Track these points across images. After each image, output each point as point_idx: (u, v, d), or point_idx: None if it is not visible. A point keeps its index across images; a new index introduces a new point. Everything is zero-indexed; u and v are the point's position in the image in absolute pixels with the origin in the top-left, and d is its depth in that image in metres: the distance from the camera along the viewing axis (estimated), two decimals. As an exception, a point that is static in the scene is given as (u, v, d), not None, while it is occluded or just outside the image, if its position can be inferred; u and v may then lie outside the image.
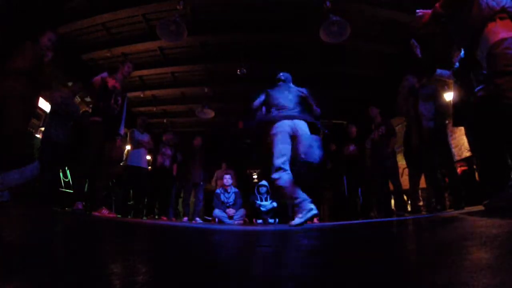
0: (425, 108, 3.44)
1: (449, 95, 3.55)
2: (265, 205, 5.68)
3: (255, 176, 9.21)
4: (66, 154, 3.89)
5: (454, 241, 1.00)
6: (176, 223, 3.99)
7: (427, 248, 0.96)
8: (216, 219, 5.20)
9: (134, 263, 0.66)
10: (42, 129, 4.47)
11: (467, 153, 4.36)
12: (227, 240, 1.48)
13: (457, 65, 2.77)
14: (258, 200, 5.75)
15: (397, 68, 5.23)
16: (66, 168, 4.75)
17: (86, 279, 0.49)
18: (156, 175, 5.43)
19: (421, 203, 4.26)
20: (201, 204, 5.67)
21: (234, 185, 5.58)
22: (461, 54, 2.72)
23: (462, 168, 4.65)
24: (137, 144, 5.01)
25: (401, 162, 4.58)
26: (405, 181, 4.53)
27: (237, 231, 2.33)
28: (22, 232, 1.14)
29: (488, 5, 1.70)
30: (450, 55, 2.97)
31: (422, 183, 4.25)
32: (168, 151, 5.59)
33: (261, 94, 2.94)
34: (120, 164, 5.40)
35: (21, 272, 0.50)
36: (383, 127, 4.54)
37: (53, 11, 4.54)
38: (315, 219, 5.81)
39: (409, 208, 5.09)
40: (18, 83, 2.74)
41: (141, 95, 7.23)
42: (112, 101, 3.40)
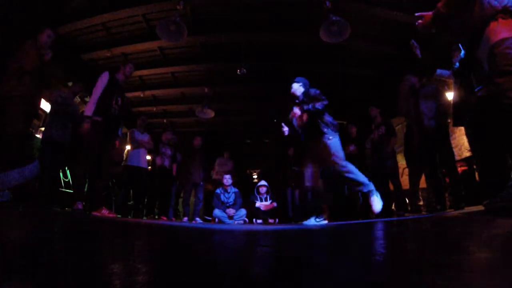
0: (426, 107, 3.43)
1: (449, 94, 3.54)
2: (265, 205, 5.68)
3: (255, 176, 9.21)
4: (66, 154, 3.89)
5: (454, 241, 1.00)
6: (176, 223, 3.99)
7: (426, 248, 0.96)
8: (216, 219, 5.20)
9: (134, 263, 0.66)
10: (42, 129, 4.46)
11: (467, 153, 4.36)
12: (227, 240, 1.48)
13: (457, 65, 2.77)
14: (258, 200, 5.76)
15: (397, 68, 5.23)
16: (66, 168, 4.75)
17: (86, 279, 0.49)
18: (156, 175, 5.43)
19: (421, 203, 4.26)
20: (201, 204, 5.68)
21: (233, 184, 5.58)
22: (461, 54, 2.72)
23: (462, 168, 4.64)
24: (137, 144, 5.01)
25: (401, 162, 4.58)
26: (405, 181, 4.53)
27: (237, 231, 2.33)
28: (22, 232, 1.14)
29: (490, 4, 1.70)
30: (450, 55, 2.98)
31: (422, 183, 4.25)
32: (168, 151, 5.59)
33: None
34: (120, 164, 5.40)
35: (21, 272, 0.50)
36: (383, 127, 4.54)
37: (53, 11, 4.54)
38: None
39: (409, 208, 5.08)
40: (19, 83, 2.74)
41: (141, 95, 7.23)
42: (113, 102, 3.40)
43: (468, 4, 1.79)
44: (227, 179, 5.46)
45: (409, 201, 4.95)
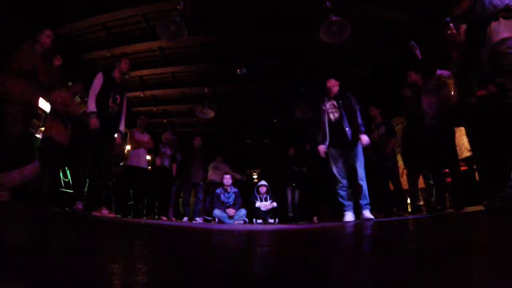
0: (428, 105, 3.38)
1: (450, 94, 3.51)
2: (265, 205, 5.68)
3: (255, 176, 9.21)
4: (66, 154, 3.89)
5: (454, 241, 1.00)
6: (176, 223, 3.99)
7: (426, 248, 0.96)
8: (216, 219, 5.20)
9: (134, 263, 0.66)
10: (42, 129, 4.46)
11: (467, 153, 4.36)
12: (227, 240, 1.48)
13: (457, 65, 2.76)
14: (258, 200, 5.76)
15: (397, 68, 5.23)
16: (66, 168, 4.75)
17: (86, 279, 0.49)
18: (156, 175, 5.43)
19: (421, 203, 4.25)
20: (201, 204, 5.68)
21: (233, 183, 5.58)
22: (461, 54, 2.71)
23: (462, 168, 4.64)
24: (137, 144, 5.01)
25: (401, 162, 4.58)
26: (405, 181, 4.53)
27: (237, 231, 2.33)
28: (22, 232, 1.14)
29: (492, 4, 1.70)
30: (450, 55, 2.97)
31: (421, 183, 4.25)
32: (168, 151, 5.59)
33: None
34: (120, 164, 5.40)
35: (21, 272, 0.50)
36: (383, 127, 4.54)
37: (53, 11, 4.54)
38: (315, 218, 5.81)
39: (409, 209, 5.08)
40: (19, 83, 2.74)
41: (141, 95, 7.23)
42: (110, 100, 3.40)
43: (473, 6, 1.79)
44: (227, 179, 5.46)
45: (410, 201, 4.95)
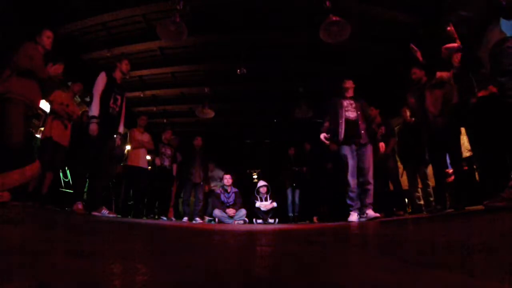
0: (432, 103, 3.34)
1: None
2: (265, 205, 5.68)
3: (255, 176, 9.21)
4: (66, 154, 3.89)
5: (453, 241, 1.00)
6: (176, 223, 3.99)
7: (426, 248, 0.96)
8: (216, 219, 5.20)
9: (134, 263, 0.66)
10: (42, 129, 4.47)
11: (467, 153, 4.36)
12: (228, 240, 1.48)
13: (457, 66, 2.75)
14: (258, 200, 5.76)
15: (397, 68, 5.23)
16: (66, 168, 4.75)
17: (86, 279, 0.49)
18: (156, 175, 5.43)
19: (421, 203, 4.25)
20: (201, 204, 5.68)
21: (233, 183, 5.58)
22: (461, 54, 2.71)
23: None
24: (137, 144, 5.01)
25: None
26: (405, 181, 4.53)
27: (237, 231, 2.33)
28: (22, 232, 1.14)
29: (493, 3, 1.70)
30: (450, 56, 2.96)
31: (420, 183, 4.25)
32: (168, 151, 5.59)
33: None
34: (120, 164, 5.40)
35: (21, 272, 0.50)
36: (383, 127, 4.54)
37: (53, 11, 4.54)
38: (315, 218, 5.82)
39: (409, 209, 5.08)
40: (19, 83, 2.74)
41: (141, 95, 7.23)
42: (111, 101, 3.39)
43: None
44: (227, 179, 5.46)
45: (409, 201, 4.95)
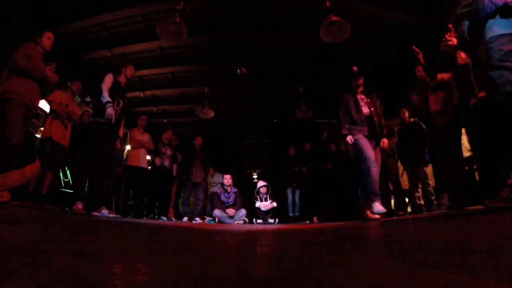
0: (435, 103, 3.33)
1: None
2: (265, 205, 5.68)
3: (255, 176, 9.21)
4: (66, 154, 3.89)
5: (453, 241, 1.00)
6: (176, 223, 3.99)
7: (426, 248, 0.96)
8: (216, 219, 5.20)
9: (134, 263, 0.66)
10: (42, 129, 4.47)
11: (467, 153, 4.36)
12: (228, 240, 1.48)
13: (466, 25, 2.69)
14: (258, 200, 5.76)
15: (396, 68, 5.23)
16: (66, 168, 4.76)
17: (86, 279, 0.49)
18: (156, 175, 5.43)
19: (421, 202, 4.26)
20: (201, 204, 5.68)
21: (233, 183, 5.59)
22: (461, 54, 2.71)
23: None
24: (137, 144, 5.01)
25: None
26: (405, 181, 4.53)
27: (237, 230, 2.33)
28: (22, 232, 1.14)
29: (491, 1, 1.70)
30: (451, 56, 2.96)
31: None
32: (168, 151, 5.59)
33: None
34: (119, 166, 5.39)
35: (21, 272, 0.50)
36: (383, 127, 4.54)
37: (53, 11, 4.54)
38: (315, 218, 5.82)
39: (409, 209, 5.08)
40: (20, 83, 2.74)
41: (141, 95, 7.23)
42: (115, 104, 3.42)
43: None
44: (227, 179, 5.47)
45: (410, 201, 4.95)
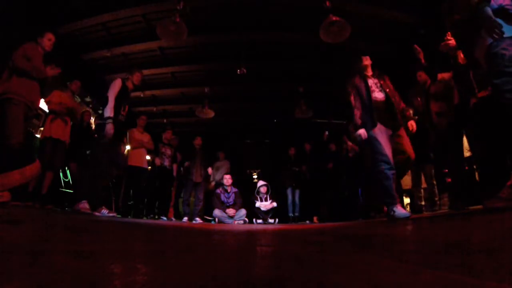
0: (435, 104, 3.33)
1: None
2: (265, 205, 5.68)
3: (255, 176, 9.21)
4: (66, 154, 3.89)
5: (453, 241, 1.00)
6: (176, 223, 3.99)
7: (426, 248, 0.96)
8: (216, 219, 5.20)
9: (134, 263, 0.66)
10: (42, 129, 4.47)
11: (467, 153, 4.36)
12: (227, 240, 1.48)
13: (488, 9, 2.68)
14: (258, 200, 5.76)
15: (396, 68, 5.22)
16: (66, 168, 4.76)
17: (86, 279, 0.49)
18: (156, 175, 5.43)
19: (423, 203, 4.25)
20: (201, 204, 5.68)
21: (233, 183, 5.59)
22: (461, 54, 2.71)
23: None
24: (137, 144, 5.01)
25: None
26: (405, 180, 4.53)
27: (237, 230, 2.33)
28: (22, 232, 1.14)
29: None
30: (451, 56, 2.96)
31: (424, 182, 4.23)
32: (168, 151, 5.59)
33: None
34: (122, 166, 5.39)
35: (21, 272, 0.50)
36: (383, 127, 4.53)
37: (53, 11, 4.54)
38: (315, 218, 5.82)
39: (408, 209, 5.08)
40: (20, 83, 2.74)
41: (141, 95, 7.22)
42: (121, 109, 3.45)
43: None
44: (227, 179, 5.47)
45: (410, 201, 4.95)
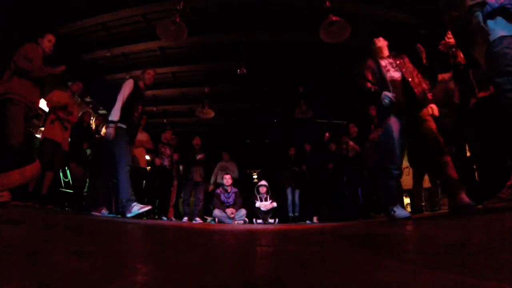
0: (437, 104, 3.32)
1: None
2: (265, 205, 5.68)
3: (255, 176, 9.21)
4: (66, 154, 3.89)
5: (453, 241, 1.00)
6: (176, 223, 3.99)
7: (426, 248, 0.96)
8: (216, 219, 5.20)
9: (134, 263, 0.66)
10: (42, 129, 4.48)
11: (467, 153, 4.37)
12: (228, 240, 1.48)
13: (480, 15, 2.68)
14: (258, 200, 5.76)
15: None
16: (66, 168, 4.76)
17: (86, 279, 0.49)
18: (156, 175, 5.43)
19: (423, 203, 4.25)
20: (201, 204, 5.68)
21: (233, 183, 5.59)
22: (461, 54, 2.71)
23: (462, 168, 4.64)
24: (136, 144, 5.00)
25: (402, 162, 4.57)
26: (405, 181, 4.53)
27: (237, 230, 2.33)
28: (22, 232, 1.14)
29: (487, 3, 1.69)
30: (451, 55, 2.96)
31: (426, 182, 4.22)
32: (167, 151, 5.59)
33: None
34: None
35: (21, 272, 0.50)
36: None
37: (53, 11, 4.54)
38: (315, 218, 5.82)
39: (409, 209, 5.07)
40: (20, 83, 2.74)
41: (141, 95, 7.22)
42: (135, 109, 3.38)
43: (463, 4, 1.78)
44: (227, 179, 5.46)
45: (411, 201, 4.94)
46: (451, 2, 1.89)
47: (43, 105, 5.06)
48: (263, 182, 5.92)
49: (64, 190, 4.63)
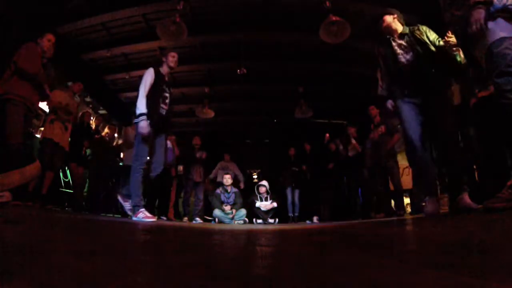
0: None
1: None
2: (265, 205, 5.69)
3: (255, 176, 9.21)
4: (66, 154, 3.89)
5: (453, 241, 1.00)
6: (176, 223, 3.99)
7: (426, 248, 0.96)
8: (216, 219, 5.20)
9: (134, 263, 0.66)
10: (42, 129, 4.47)
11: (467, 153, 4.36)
12: (228, 240, 1.48)
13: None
14: (258, 200, 5.76)
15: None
16: (66, 168, 4.76)
17: (86, 279, 0.49)
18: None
19: (423, 203, 4.25)
20: (201, 204, 5.68)
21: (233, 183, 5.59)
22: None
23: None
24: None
25: (401, 162, 4.57)
26: (405, 181, 4.53)
27: (237, 230, 2.33)
28: (22, 232, 1.14)
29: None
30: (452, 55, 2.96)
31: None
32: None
33: None
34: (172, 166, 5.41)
35: (21, 272, 0.50)
36: (383, 126, 4.55)
37: (53, 11, 4.54)
38: (315, 218, 5.82)
39: (409, 209, 5.08)
40: (20, 83, 2.74)
41: (141, 95, 7.22)
42: (161, 100, 3.03)
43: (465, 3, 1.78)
44: (227, 179, 5.47)
45: (411, 201, 4.94)
46: (453, 0, 1.89)
47: (43, 105, 5.07)
48: (263, 182, 5.92)
49: (64, 190, 4.63)
